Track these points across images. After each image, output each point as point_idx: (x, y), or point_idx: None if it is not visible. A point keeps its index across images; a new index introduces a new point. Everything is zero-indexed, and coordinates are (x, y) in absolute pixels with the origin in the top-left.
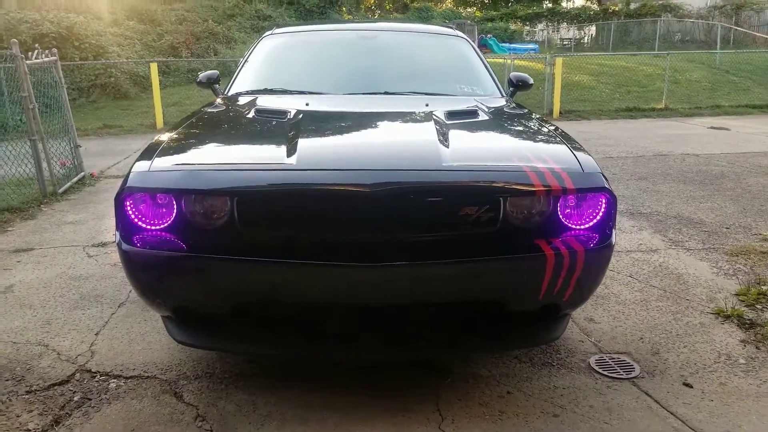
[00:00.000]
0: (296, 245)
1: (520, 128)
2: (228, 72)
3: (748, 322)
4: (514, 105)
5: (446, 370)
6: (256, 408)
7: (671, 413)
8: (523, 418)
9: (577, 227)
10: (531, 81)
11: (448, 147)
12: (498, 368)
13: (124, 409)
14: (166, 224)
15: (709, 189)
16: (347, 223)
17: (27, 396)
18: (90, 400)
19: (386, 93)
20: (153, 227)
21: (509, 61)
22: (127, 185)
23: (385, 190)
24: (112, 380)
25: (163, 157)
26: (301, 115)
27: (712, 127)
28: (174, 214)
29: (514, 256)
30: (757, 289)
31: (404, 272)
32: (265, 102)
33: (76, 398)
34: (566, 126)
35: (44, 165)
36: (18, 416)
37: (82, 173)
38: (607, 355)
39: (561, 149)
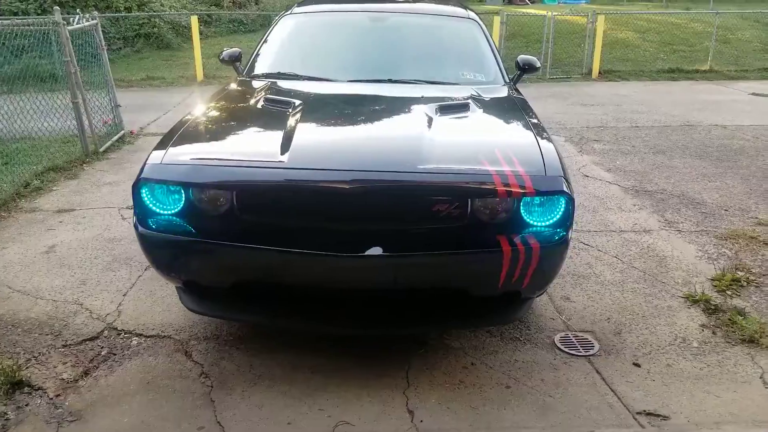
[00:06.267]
0: (286, 234)
1: (501, 124)
2: (268, 25)
3: (713, 307)
4: (510, 92)
5: (423, 342)
6: (252, 368)
7: (612, 390)
8: (479, 387)
9: (537, 224)
10: (538, 64)
11: (426, 147)
12: (470, 341)
13: (141, 364)
14: (176, 210)
15: (723, 166)
16: (331, 216)
17: (63, 350)
18: (115, 355)
19: (390, 81)
20: (165, 213)
21: (550, 13)
22: (142, 176)
23: (364, 189)
24: (134, 338)
25: (175, 148)
26: (301, 107)
27: (753, 93)
28: (183, 202)
29: (476, 250)
30: (732, 275)
31: (377, 262)
32: (274, 91)
33: (103, 353)
34: (604, 88)
35: (86, 125)
36: (55, 367)
37: (122, 132)
38: (572, 333)
39: (531, 150)
